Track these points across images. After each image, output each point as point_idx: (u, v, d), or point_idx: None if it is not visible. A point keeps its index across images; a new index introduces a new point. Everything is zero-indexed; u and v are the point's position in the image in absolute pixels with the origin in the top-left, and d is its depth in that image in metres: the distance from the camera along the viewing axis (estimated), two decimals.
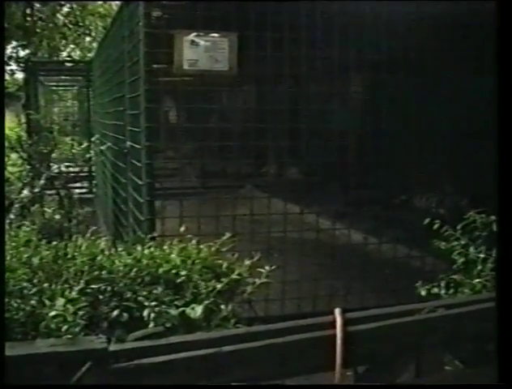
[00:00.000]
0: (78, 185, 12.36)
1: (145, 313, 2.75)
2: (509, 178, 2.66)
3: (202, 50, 4.91)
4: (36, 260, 3.10)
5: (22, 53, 17.17)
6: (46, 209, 7.36)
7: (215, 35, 4.94)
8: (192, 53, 4.90)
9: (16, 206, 7.12)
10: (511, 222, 2.61)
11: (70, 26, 16.79)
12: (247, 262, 3.24)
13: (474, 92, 6.37)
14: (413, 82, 6.01)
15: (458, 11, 5.53)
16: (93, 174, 12.16)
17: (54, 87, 17.33)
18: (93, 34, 17.02)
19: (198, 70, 4.94)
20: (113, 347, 2.34)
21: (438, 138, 6.37)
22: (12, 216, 6.64)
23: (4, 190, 6.46)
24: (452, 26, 5.60)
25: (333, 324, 2.49)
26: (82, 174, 12.68)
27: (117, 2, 14.43)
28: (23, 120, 12.81)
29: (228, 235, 3.47)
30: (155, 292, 2.90)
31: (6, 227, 5.20)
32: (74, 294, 2.73)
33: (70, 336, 2.44)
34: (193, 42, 4.90)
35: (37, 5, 15.97)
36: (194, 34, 4.90)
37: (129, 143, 5.66)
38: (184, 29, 4.96)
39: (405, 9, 5.52)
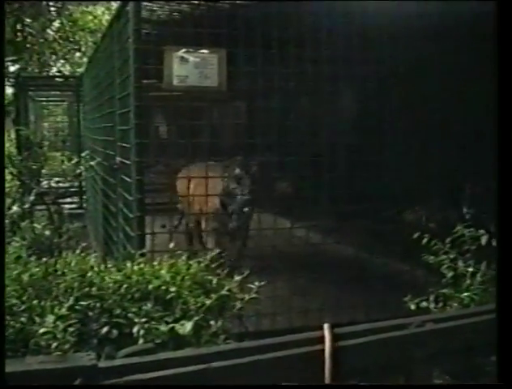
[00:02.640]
0: (68, 200, 12.34)
1: (135, 329, 2.75)
2: (509, 189, 2.68)
3: (191, 66, 4.93)
4: (25, 277, 3.10)
5: (12, 69, 17.17)
6: (36, 225, 7.34)
7: (205, 51, 4.97)
8: (182, 69, 4.92)
9: (5, 221, 7.09)
10: (510, 234, 2.63)
11: (60, 41, 16.80)
12: (237, 278, 3.26)
13: (468, 105, 6.42)
14: (405, 94, 6.05)
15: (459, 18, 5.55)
16: (83, 189, 12.15)
17: (44, 103, 17.34)
18: (83, 49, 17.03)
19: (188, 86, 4.95)
20: (102, 364, 2.34)
21: (429, 151, 6.39)
22: None
23: (4, 204, 6.44)
24: (450, 32, 5.64)
25: (322, 339, 2.50)
26: (72, 189, 12.66)
27: (108, 18, 14.49)
28: (13, 135, 12.80)
29: (217, 251, 3.48)
30: (144, 308, 2.91)
31: None
32: (63, 311, 2.73)
33: (59, 353, 2.45)
34: (182, 58, 4.92)
35: (28, 20, 15.99)
36: (184, 50, 4.92)
37: (119, 159, 5.66)
38: (173, 45, 4.98)
39: (396, 22, 5.57)
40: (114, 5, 14.35)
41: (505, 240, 2.67)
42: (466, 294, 3.61)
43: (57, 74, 18.00)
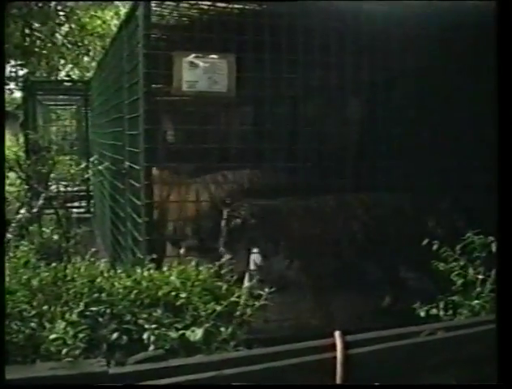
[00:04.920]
0: (76, 204, 12.36)
1: (145, 335, 2.75)
2: (509, 196, 2.68)
3: (200, 72, 4.93)
4: (35, 282, 3.10)
5: (20, 73, 17.22)
6: (44, 229, 7.36)
7: (214, 56, 4.97)
8: (191, 75, 4.92)
9: (14, 225, 7.11)
10: (510, 241, 2.63)
11: (69, 45, 16.84)
12: (246, 284, 3.25)
13: (473, 110, 6.39)
14: (410, 101, 6.03)
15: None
16: (91, 194, 12.16)
17: (53, 107, 17.37)
18: (92, 54, 17.07)
19: (197, 91, 4.95)
20: (113, 370, 2.34)
21: (436, 156, 6.38)
22: (10, 236, 6.62)
23: (4, 208, 6.45)
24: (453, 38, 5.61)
25: (333, 347, 2.49)
26: (80, 194, 12.67)
27: (116, 22, 14.51)
28: (22, 139, 12.82)
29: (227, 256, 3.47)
30: (154, 314, 2.90)
31: (5, 246, 5.22)
32: (74, 317, 2.73)
33: (70, 359, 2.44)
34: (192, 63, 4.92)
35: (36, 24, 16.04)
36: (193, 55, 4.92)
37: (127, 164, 5.66)
38: (183, 50, 4.98)
39: (405, 28, 5.56)
40: (123, 9, 14.39)
41: (506, 245, 2.67)
42: (476, 302, 3.59)
43: (66, 78, 18.05)
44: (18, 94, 17.89)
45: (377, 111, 6.02)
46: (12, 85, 17.75)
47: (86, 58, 17.76)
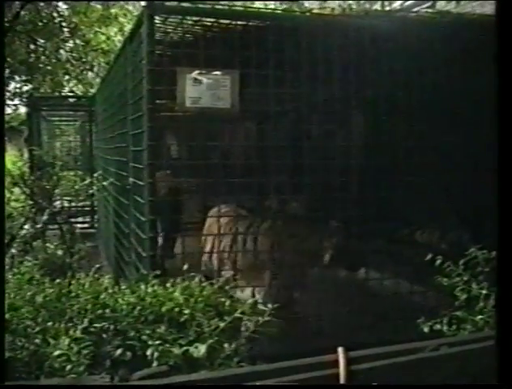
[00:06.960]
0: (80, 219, 12.36)
1: (148, 352, 2.75)
2: (509, 211, 2.68)
3: (204, 88, 4.95)
4: (39, 298, 3.11)
5: (25, 88, 17.30)
6: (48, 244, 7.35)
7: (218, 73, 4.99)
8: (194, 91, 4.94)
9: (18, 241, 7.11)
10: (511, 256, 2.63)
11: (73, 61, 16.92)
12: (250, 301, 3.25)
13: (475, 126, 6.40)
14: (414, 116, 6.04)
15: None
16: (95, 209, 12.17)
17: (57, 122, 17.42)
18: (96, 70, 17.13)
19: (201, 107, 4.97)
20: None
21: (439, 171, 6.38)
22: (14, 251, 6.63)
23: (4, 212, 6.43)
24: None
25: (336, 363, 2.48)
26: (84, 209, 12.68)
27: (120, 39, 14.58)
28: (26, 155, 12.86)
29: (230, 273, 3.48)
30: (158, 330, 2.91)
31: (9, 261, 5.22)
32: (78, 333, 2.73)
33: (74, 376, 2.45)
34: (195, 80, 4.94)
35: (41, 40, 16.13)
36: (197, 72, 4.95)
37: (131, 180, 5.68)
38: (187, 67, 5.01)
39: (407, 45, 5.58)
40: (127, 26, 14.45)
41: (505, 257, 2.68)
42: (480, 317, 3.58)
43: (70, 94, 18.12)
44: (22, 110, 17.95)
45: (381, 126, 6.03)
46: (17, 101, 17.83)
47: (90, 74, 17.84)
